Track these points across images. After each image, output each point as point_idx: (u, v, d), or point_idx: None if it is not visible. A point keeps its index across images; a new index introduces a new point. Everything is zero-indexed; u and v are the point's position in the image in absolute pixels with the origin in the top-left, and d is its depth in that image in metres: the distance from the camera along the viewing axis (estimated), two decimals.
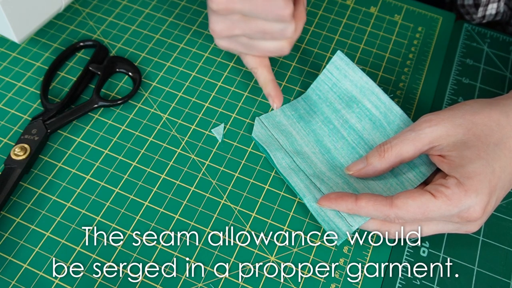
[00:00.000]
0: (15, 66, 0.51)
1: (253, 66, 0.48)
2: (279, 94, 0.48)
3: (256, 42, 0.45)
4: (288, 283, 0.41)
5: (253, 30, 0.44)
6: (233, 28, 0.44)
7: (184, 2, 0.57)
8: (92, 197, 0.44)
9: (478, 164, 0.38)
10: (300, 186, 0.44)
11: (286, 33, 0.44)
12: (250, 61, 0.48)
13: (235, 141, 0.48)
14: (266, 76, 0.48)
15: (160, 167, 0.46)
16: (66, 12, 0.55)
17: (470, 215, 0.37)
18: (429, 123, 0.41)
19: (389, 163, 0.42)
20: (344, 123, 0.47)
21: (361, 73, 0.47)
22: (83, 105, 0.48)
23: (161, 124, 0.48)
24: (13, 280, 0.40)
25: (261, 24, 0.43)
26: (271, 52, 0.46)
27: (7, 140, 0.47)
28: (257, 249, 0.42)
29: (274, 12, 0.42)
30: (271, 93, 0.48)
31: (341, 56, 0.48)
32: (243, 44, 0.46)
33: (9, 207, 0.43)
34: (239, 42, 0.46)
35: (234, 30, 0.44)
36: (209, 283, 0.41)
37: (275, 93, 0.47)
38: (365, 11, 0.57)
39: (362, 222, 0.41)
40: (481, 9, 0.54)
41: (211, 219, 0.43)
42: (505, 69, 0.54)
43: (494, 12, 0.55)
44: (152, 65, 0.52)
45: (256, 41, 0.45)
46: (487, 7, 0.54)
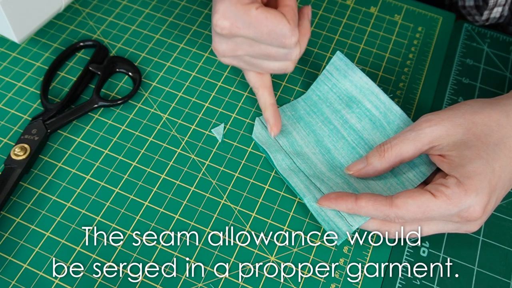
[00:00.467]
0: (15, 66, 0.51)
1: (254, 85, 0.47)
2: (277, 122, 0.46)
3: (259, 61, 0.45)
4: (288, 283, 0.41)
5: (256, 53, 0.43)
6: (236, 50, 0.44)
7: (184, 2, 0.57)
8: (92, 197, 0.44)
9: (478, 163, 0.38)
10: (300, 187, 0.44)
11: (291, 56, 0.43)
12: (252, 79, 0.47)
13: (235, 141, 0.48)
14: (267, 99, 0.47)
15: (160, 167, 0.46)
16: (66, 12, 0.55)
17: (470, 215, 0.37)
18: (429, 123, 0.41)
19: (389, 163, 0.42)
20: (344, 123, 0.47)
21: (361, 73, 0.47)
22: (83, 105, 0.48)
23: (161, 124, 0.48)
24: (13, 280, 0.40)
25: (265, 48, 0.43)
26: (274, 71, 0.46)
27: (7, 140, 0.47)
28: (257, 249, 0.42)
29: (279, 40, 0.41)
30: (269, 119, 0.46)
31: (340, 57, 0.48)
32: (246, 62, 0.45)
33: (9, 207, 0.43)
34: (242, 60, 0.45)
35: (238, 51, 0.44)
36: (209, 283, 0.41)
37: (274, 121, 0.46)
38: (365, 11, 0.57)
39: (362, 222, 0.41)
40: (486, 12, 0.54)
41: (211, 219, 0.43)
42: (505, 69, 0.54)
43: (498, 16, 0.55)
44: (152, 65, 0.52)
45: (260, 61, 0.45)
46: (493, 10, 0.54)
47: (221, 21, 0.41)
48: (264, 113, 0.47)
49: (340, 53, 0.48)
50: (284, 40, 0.41)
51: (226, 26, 0.41)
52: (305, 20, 0.46)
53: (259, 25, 0.40)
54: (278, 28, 0.40)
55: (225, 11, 0.41)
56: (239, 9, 0.40)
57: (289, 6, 0.42)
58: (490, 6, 0.53)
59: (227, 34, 0.42)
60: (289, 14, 0.41)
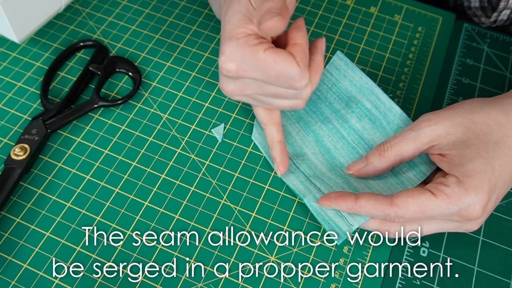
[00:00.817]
0: (15, 66, 0.51)
1: (262, 121, 0.45)
2: (284, 161, 0.44)
3: (269, 99, 0.42)
4: (288, 283, 0.41)
5: (266, 93, 0.41)
6: (244, 90, 0.41)
7: (184, 2, 0.57)
8: (92, 197, 0.44)
9: (477, 162, 0.38)
10: (300, 188, 0.44)
11: (301, 96, 0.41)
12: (261, 115, 0.45)
13: (235, 141, 0.48)
14: (274, 136, 0.45)
15: (160, 167, 0.46)
16: (66, 12, 0.55)
17: (470, 214, 0.37)
18: (428, 122, 0.41)
19: (389, 163, 0.42)
20: (343, 123, 0.47)
21: (361, 73, 0.47)
22: (83, 105, 0.48)
23: (161, 124, 0.48)
24: (13, 280, 0.40)
25: (274, 89, 0.40)
26: (284, 108, 0.43)
27: (7, 140, 0.47)
28: (257, 249, 0.42)
29: (288, 83, 0.39)
30: (276, 157, 0.44)
31: (340, 56, 0.48)
32: (255, 99, 0.43)
33: (9, 207, 0.43)
34: (251, 97, 0.43)
35: (246, 91, 0.42)
36: (209, 283, 0.41)
37: (281, 160, 0.44)
38: (365, 11, 0.57)
39: (362, 222, 0.41)
40: (495, 14, 0.54)
41: (211, 219, 0.43)
42: (505, 69, 0.54)
43: (506, 18, 0.55)
44: (152, 65, 0.52)
45: (269, 99, 0.42)
46: (501, 13, 0.54)
47: (227, 64, 0.39)
48: (271, 151, 0.45)
49: (340, 53, 0.48)
50: (293, 83, 0.38)
51: (232, 69, 0.39)
52: (318, 55, 0.42)
53: (267, 68, 0.38)
54: (287, 72, 0.38)
55: (231, 53, 0.38)
56: (246, 51, 0.38)
57: (300, 46, 0.39)
58: (500, 8, 0.53)
59: (233, 76, 0.40)
60: (299, 54, 0.39)
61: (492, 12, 0.56)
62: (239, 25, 0.39)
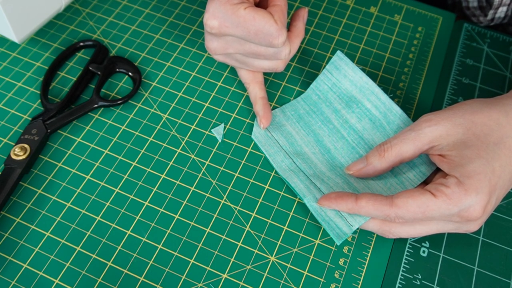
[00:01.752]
0: (15, 66, 0.51)
1: (246, 81, 0.49)
2: (267, 114, 0.47)
3: (250, 59, 0.46)
4: (288, 283, 0.41)
5: (246, 51, 0.45)
6: (227, 48, 0.45)
7: (184, 2, 0.57)
8: (92, 197, 0.44)
9: (478, 163, 0.38)
10: (300, 187, 0.44)
11: (280, 56, 0.44)
12: (244, 76, 0.49)
13: (235, 141, 0.48)
14: (257, 93, 0.48)
15: (160, 167, 0.46)
16: (66, 12, 0.55)
17: (470, 215, 0.37)
18: (429, 123, 0.41)
19: (389, 163, 0.42)
20: (344, 123, 0.47)
21: (361, 73, 0.47)
22: (83, 105, 0.48)
23: (161, 124, 0.48)
24: (13, 280, 0.40)
25: (254, 47, 0.44)
26: (264, 69, 0.47)
27: (7, 140, 0.47)
28: (257, 249, 0.42)
29: (266, 40, 0.42)
30: (259, 112, 0.47)
31: (340, 56, 0.48)
32: (238, 60, 0.47)
33: (9, 207, 0.43)
34: (233, 58, 0.47)
35: (228, 49, 0.45)
36: (209, 283, 0.41)
37: (263, 113, 0.47)
38: (365, 11, 0.57)
39: (362, 222, 0.41)
40: (491, 12, 0.54)
41: (211, 219, 0.43)
42: (505, 69, 0.54)
43: (503, 15, 0.55)
44: (152, 65, 0.52)
45: (251, 59, 0.46)
46: (498, 10, 0.54)
47: (210, 21, 0.42)
48: (254, 106, 0.48)
49: (341, 53, 0.48)
50: (271, 40, 0.42)
51: (215, 25, 0.42)
52: (299, 22, 0.47)
53: (247, 24, 0.41)
54: (265, 28, 0.41)
55: (214, 11, 0.42)
56: (228, 9, 0.42)
57: (278, 6, 0.43)
58: (495, 5, 0.53)
59: (216, 33, 0.43)
60: (277, 14, 0.42)
61: None
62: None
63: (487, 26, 0.57)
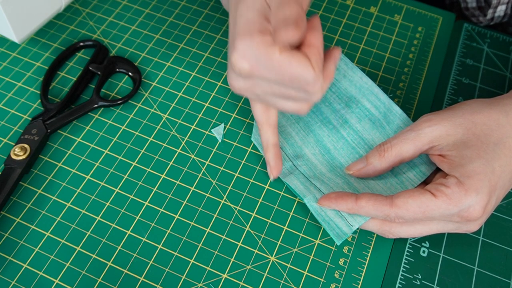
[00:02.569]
0: (15, 66, 0.51)
1: (259, 121, 0.44)
2: (278, 165, 0.44)
3: (275, 99, 0.40)
4: (288, 283, 0.41)
5: (275, 93, 0.39)
6: (254, 89, 0.40)
7: (184, 2, 0.57)
8: (92, 197, 0.44)
9: (478, 163, 0.38)
10: (300, 188, 0.44)
11: (311, 100, 0.39)
12: (258, 114, 0.44)
13: (235, 141, 0.48)
14: (269, 139, 0.44)
15: (160, 167, 0.46)
16: (66, 12, 0.55)
17: (470, 215, 0.37)
18: (428, 123, 0.41)
19: (389, 163, 0.42)
20: (343, 123, 0.47)
21: (361, 73, 0.47)
22: (83, 105, 0.48)
23: (161, 124, 0.48)
24: (13, 280, 0.40)
25: (284, 90, 0.39)
26: (287, 111, 0.41)
27: (7, 140, 0.47)
28: (257, 249, 0.42)
29: (302, 86, 0.37)
30: (270, 161, 0.44)
31: (340, 57, 0.48)
32: (262, 98, 0.41)
33: (9, 207, 0.43)
34: (257, 96, 0.41)
35: (256, 90, 0.40)
36: (209, 283, 0.41)
37: (274, 164, 0.44)
38: (365, 11, 0.57)
39: (362, 222, 0.41)
40: (490, 11, 0.54)
41: (211, 219, 0.43)
42: (505, 69, 0.54)
43: (503, 14, 0.55)
44: (152, 65, 0.52)
45: (276, 99, 0.40)
46: (496, 9, 0.54)
47: (240, 62, 0.37)
48: (265, 154, 0.44)
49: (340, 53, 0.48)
50: (306, 87, 0.37)
51: (245, 68, 0.37)
52: (331, 64, 0.40)
53: (282, 70, 0.36)
54: (302, 75, 0.36)
55: (245, 51, 0.36)
56: (261, 51, 0.36)
57: (315, 48, 0.37)
58: (494, 4, 0.53)
59: (246, 76, 0.38)
60: (314, 57, 0.37)
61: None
62: (254, 22, 0.37)
63: (488, 25, 0.57)
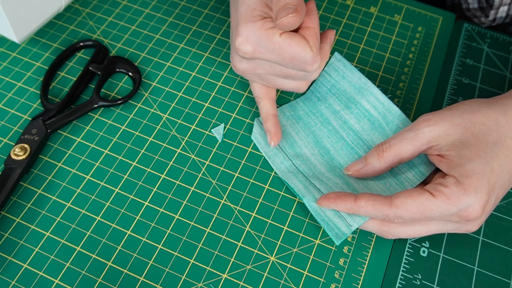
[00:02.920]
0: (15, 66, 0.51)
1: (258, 95, 0.47)
2: (278, 132, 0.46)
3: (275, 78, 0.45)
4: (288, 283, 0.41)
5: (276, 73, 0.44)
6: (256, 69, 0.44)
7: (184, 2, 0.57)
8: (92, 197, 0.44)
9: (476, 163, 0.38)
10: (299, 188, 0.44)
11: (309, 78, 0.44)
12: (257, 90, 0.47)
13: (235, 141, 0.48)
14: (269, 110, 0.46)
15: (160, 167, 0.46)
16: (66, 12, 0.55)
17: (469, 214, 0.37)
18: (427, 123, 0.41)
19: (388, 163, 0.42)
20: (343, 124, 0.47)
21: (359, 74, 0.47)
22: (83, 105, 0.48)
23: (161, 124, 0.48)
24: (13, 280, 0.40)
25: (285, 70, 0.43)
26: (287, 89, 0.46)
27: (7, 140, 0.47)
28: (257, 249, 0.42)
29: (301, 66, 0.41)
30: (270, 129, 0.46)
31: (338, 58, 0.48)
32: (262, 78, 0.45)
33: (9, 207, 0.43)
34: (259, 76, 0.45)
35: (258, 70, 0.44)
36: (209, 283, 0.41)
37: (274, 131, 0.46)
38: (365, 11, 0.57)
39: (361, 222, 0.41)
40: (492, 12, 0.54)
41: (211, 219, 0.43)
42: (505, 69, 0.54)
43: (505, 15, 0.55)
44: (152, 65, 0.52)
45: (276, 78, 0.45)
46: (499, 10, 0.54)
47: (244, 46, 0.41)
48: (265, 124, 0.46)
49: (339, 54, 0.48)
50: (305, 66, 0.41)
51: (249, 51, 0.41)
52: (326, 44, 0.45)
53: (282, 51, 0.40)
54: (301, 55, 0.40)
55: (248, 36, 0.41)
56: (263, 34, 0.40)
57: (312, 29, 0.42)
58: (496, 5, 0.53)
59: (249, 58, 0.42)
60: (312, 38, 0.41)
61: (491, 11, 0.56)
62: (255, 8, 0.41)
63: (489, 26, 0.57)
